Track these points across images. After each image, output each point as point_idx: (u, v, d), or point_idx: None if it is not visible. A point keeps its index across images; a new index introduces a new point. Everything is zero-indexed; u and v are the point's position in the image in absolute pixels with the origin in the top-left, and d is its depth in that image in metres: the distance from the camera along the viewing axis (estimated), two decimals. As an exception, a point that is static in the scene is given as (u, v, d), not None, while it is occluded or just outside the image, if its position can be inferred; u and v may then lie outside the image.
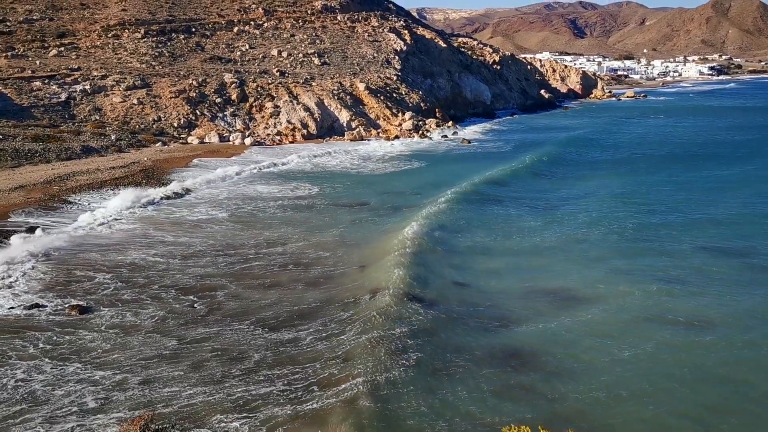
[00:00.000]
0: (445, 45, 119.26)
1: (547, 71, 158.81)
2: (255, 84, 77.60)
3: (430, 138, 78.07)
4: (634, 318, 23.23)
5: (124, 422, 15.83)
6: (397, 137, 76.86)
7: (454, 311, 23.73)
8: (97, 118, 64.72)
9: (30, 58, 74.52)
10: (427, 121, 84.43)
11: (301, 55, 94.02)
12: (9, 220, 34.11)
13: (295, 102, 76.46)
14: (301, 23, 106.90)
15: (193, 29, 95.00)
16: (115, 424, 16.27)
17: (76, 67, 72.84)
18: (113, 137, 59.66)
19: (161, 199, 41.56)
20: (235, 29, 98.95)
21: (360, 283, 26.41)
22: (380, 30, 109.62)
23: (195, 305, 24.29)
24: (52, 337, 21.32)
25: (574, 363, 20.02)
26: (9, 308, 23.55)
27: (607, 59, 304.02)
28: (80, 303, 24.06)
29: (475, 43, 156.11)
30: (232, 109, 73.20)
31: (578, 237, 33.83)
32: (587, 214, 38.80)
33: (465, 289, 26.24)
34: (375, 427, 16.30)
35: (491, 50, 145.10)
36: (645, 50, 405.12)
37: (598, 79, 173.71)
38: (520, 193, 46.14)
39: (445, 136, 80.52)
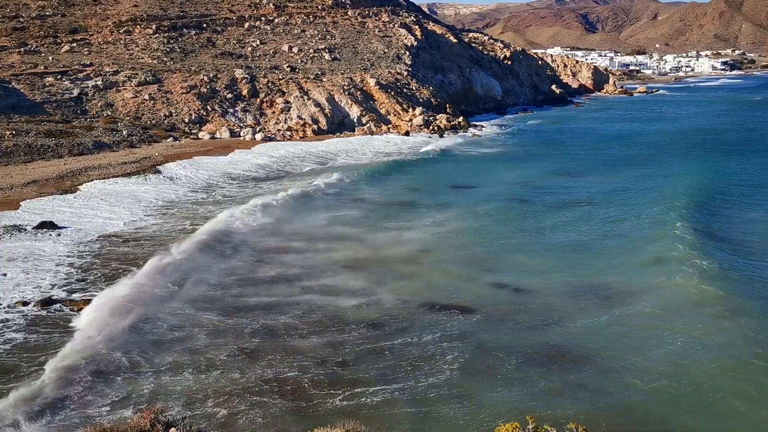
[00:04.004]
0: (455, 40, 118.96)
1: (558, 66, 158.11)
2: (266, 79, 77.76)
3: (440, 134, 77.98)
4: (678, 307, 23.54)
5: (135, 415, 16.04)
6: (407, 132, 76.79)
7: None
8: (109, 113, 65.08)
9: (43, 54, 74.96)
10: (437, 117, 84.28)
11: (311, 50, 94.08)
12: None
13: (305, 97, 76.56)
14: (311, 19, 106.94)
15: (204, 25, 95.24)
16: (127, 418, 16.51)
17: (88, 62, 73.23)
18: (125, 132, 60.00)
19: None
20: (246, 25, 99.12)
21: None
22: (391, 25, 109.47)
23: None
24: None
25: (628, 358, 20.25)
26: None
27: (618, 54, 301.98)
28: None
29: (486, 38, 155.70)
30: (242, 105, 73.39)
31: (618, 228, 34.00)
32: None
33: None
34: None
35: (502, 45, 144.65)
36: (657, 45, 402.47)
37: (610, 75, 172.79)
38: (539, 192, 46.34)
39: (456, 132, 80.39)
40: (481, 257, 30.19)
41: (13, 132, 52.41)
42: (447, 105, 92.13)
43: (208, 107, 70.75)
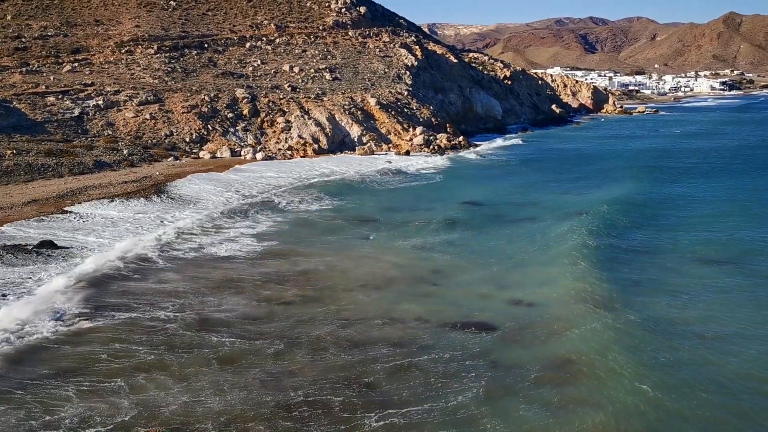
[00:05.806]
0: (456, 60, 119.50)
1: (558, 86, 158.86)
2: (266, 99, 77.92)
3: (441, 153, 78.06)
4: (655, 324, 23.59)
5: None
6: (408, 152, 76.86)
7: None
8: (110, 132, 65.08)
9: (44, 74, 75.18)
10: (438, 136, 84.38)
11: (312, 70, 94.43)
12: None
13: (306, 117, 76.69)
14: (312, 39, 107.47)
15: (206, 45, 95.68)
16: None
17: (89, 82, 73.40)
18: (125, 152, 59.96)
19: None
20: (247, 45, 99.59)
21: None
22: (391, 45, 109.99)
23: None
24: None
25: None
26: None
27: (618, 74, 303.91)
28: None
29: (486, 58, 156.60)
30: (243, 124, 73.47)
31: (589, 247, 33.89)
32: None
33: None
34: None
35: (502, 65, 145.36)
36: (656, 65, 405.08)
37: (610, 94, 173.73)
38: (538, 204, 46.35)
39: (456, 151, 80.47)
40: (495, 275, 29.98)
41: (14, 151, 52.36)
42: (447, 125, 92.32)
43: (209, 126, 70.80)
